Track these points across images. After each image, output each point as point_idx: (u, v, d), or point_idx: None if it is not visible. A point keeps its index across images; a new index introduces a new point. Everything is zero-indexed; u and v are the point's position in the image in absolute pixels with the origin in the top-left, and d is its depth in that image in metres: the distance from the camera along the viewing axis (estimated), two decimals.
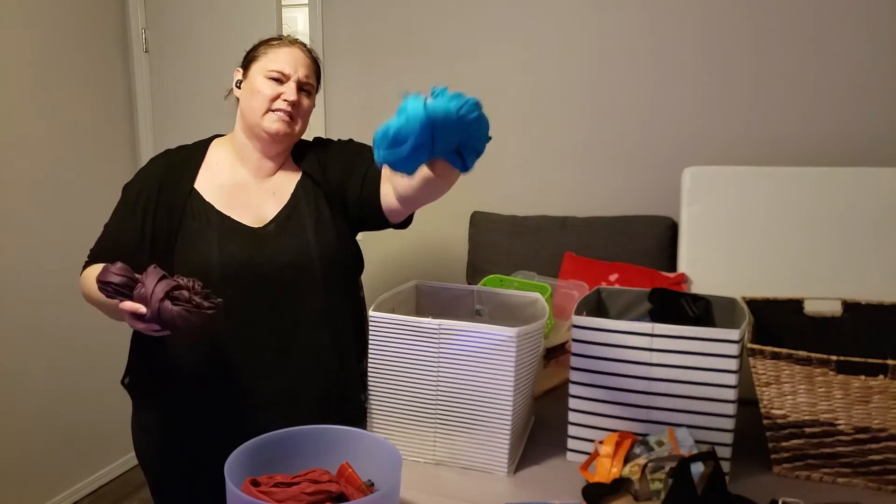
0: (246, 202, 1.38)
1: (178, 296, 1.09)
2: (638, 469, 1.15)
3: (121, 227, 1.35)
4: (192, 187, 1.36)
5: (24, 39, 2.50)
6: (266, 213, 1.38)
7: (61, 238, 2.67)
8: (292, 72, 1.36)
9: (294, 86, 1.36)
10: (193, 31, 2.86)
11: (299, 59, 1.38)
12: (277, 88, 1.35)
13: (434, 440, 1.33)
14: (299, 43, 1.41)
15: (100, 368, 2.84)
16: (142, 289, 1.09)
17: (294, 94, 1.35)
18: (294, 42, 1.41)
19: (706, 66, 2.32)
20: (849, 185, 1.76)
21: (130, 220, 1.34)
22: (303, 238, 1.36)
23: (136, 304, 1.09)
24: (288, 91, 1.35)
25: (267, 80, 1.35)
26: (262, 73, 1.35)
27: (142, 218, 1.33)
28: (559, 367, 1.70)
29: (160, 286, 1.08)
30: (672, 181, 2.05)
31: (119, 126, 2.95)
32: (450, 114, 0.93)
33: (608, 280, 2.06)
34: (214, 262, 1.30)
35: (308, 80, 1.39)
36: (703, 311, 1.48)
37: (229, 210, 1.36)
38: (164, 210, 1.33)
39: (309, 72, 1.39)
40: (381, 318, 1.33)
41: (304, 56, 1.40)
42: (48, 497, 2.68)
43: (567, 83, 2.49)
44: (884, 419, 1.19)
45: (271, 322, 1.34)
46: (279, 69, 1.35)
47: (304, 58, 1.39)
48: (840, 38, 2.18)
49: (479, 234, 2.51)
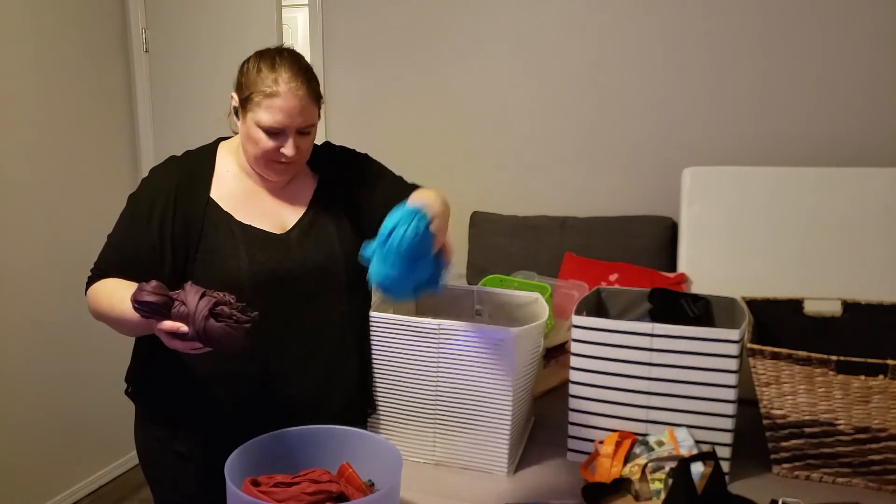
0: (263, 209, 1.35)
1: (220, 311, 1.06)
2: (638, 469, 1.15)
3: (134, 239, 1.30)
4: (208, 197, 1.33)
5: (25, 39, 2.50)
6: (286, 220, 1.36)
7: (61, 238, 2.67)
8: (290, 125, 1.25)
9: (292, 139, 1.27)
10: (193, 31, 2.86)
11: (295, 106, 1.24)
12: (275, 141, 1.26)
13: (434, 440, 1.33)
14: (294, 81, 1.24)
15: (100, 368, 2.84)
16: (181, 307, 1.05)
17: (292, 150, 1.27)
18: (290, 81, 1.24)
19: (706, 67, 2.32)
20: (849, 185, 1.76)
21: (145, 233, 1.28)
22: (328, 243, 1.35)
23: (176, 323, 1.06)
24: (286, 146, 1.26)
25: (262, 132, 1.25)
26: (257, 122, 1.25)
27: (159, 229, 1.28)
28: (559, 367, 1.70)
29: (203, 303, 1.05)
30: (672, 181, 2.05)
31: (119, 126, 2.95)
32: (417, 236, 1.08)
33: (608, 280, 2.06)
34: (245, 272, 1.27)
35: (307, 123, 1.28)
36: (703, 311, 1.48)
37: (249, 219, 1.32)
38: (181, 221, 1.29)
39: (307, 113, 1.27)
40: (381, 318, 1.33)
41: (301, 97, 1.25)
42: (48, 497, 2.68)
43: (567, 83, 2.49)
44: (884, 419, 1.19)
45: (298, 328, 1.32)
46: (275, 126, 1.24)
47: (300, 102, 1.24)
48: (840, 38, 2.18)
49: (479, 234, 2.51)
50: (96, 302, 1.28)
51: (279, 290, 1.30)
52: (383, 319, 1.32)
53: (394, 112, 2.73)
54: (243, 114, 1.29)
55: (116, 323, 1.24)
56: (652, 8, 2.35)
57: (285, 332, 1.31)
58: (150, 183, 1.35)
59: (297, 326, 1.32)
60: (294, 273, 1.31)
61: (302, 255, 1.33)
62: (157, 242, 1.28)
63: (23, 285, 2.53)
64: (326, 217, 1.38)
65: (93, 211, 2.81)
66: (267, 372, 1.31)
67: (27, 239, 2.55)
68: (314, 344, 1.33)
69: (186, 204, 1.31)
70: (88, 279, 1.33)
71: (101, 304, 1.27)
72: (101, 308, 1.27)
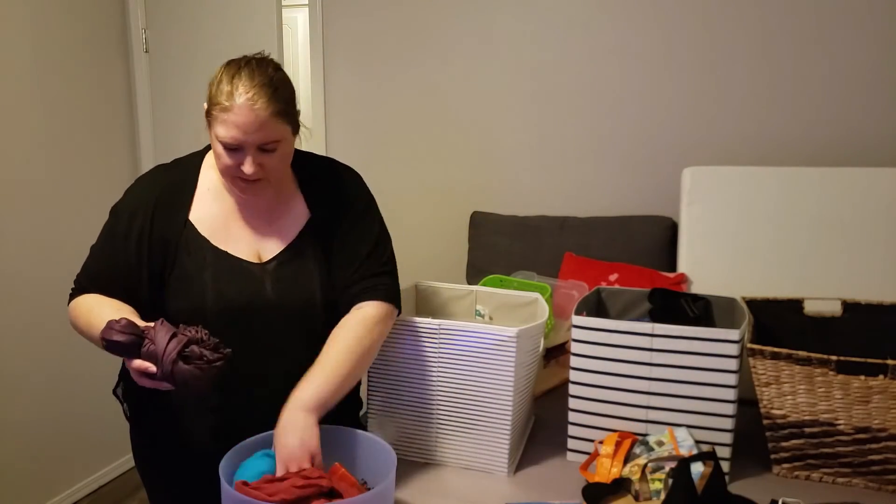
0: (241, 234, 1.29)
1: (190, 353, 1.02)
2: (638, 469, 1.15)
3: (113, 253, 1.26)
4: (186, 218, 1.27)
5: (25, 39, 2.50)
6: (266, 249, 1.29)
7: (61, 238, 2.67)
8: (246, 140, 1.17)
9: (251, 157, 1.18)
10: (193, 31, 2.86)
11: (251, 122, 1.15)
12: (234, 158, 1.19)
13: (434, 440, 1.33)
14: (251, 94, 1.16)
15: (99, 369, 2.84)
16: (151, 346, 1.02)
17: (251, 167, 1.18)
18: (246, 94, 1.16)
19: (706, 67, 2.32)
20: (849, 185, 1.76)
21: (123, 248, 1.25)
22: (306, 286, 1.28)
23: (145, 363, 1.03)
24: (246, 164, 1.18)
25: (221, 146, 1.19)
26: (217, 138, 1.19)
27: (136, 249, 1.24)
28: (559, 367, 1.70)
29: (172, 345, 1.02)
30: (672, 181, 2.05)
31: (119, 126, 2.95)
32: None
33: (608, 280, 2.06)
34: (210, 306, 1.23)
35: (268, 140, 1.18)
36: (703, 311, 1.48)
37: (226, 243, 1.27)
38: (158, 243, 1.25)
39: (268, 129, 1.17)
40: None
41: (258, 112, 1.16)
42: (48, 497, 2.68)
43: (567, 83, 2.49)
44: (884, 419, 1.19)
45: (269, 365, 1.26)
46: (231, 142, 1.17)
47: (256, 117, 1.15)
48: (840, 38, 2.18)
49: (479, 234, 2.51)
50: (75, 318, 1.28)
51: (247, 327, 1.24)
52: None
53: (394, 112, 2.73)
54: (209, 127, 1.23)
55: (95, 342, 1.21)
56: (652, 8, 2.35)
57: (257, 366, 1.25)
58: (131, 197, 1.30)
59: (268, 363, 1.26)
60: (264, 314, 1.25)
61: (276, 293, 1.25)
62: (135, 262, 1.24)
63: (22, 285, 2.53)
64: (310, 254, 1.30)
65: (93, 211, 2.80)
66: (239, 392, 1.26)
67: (27, 239, 2.55)
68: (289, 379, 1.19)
69: (164, 224, 1.26)
70: (71, 292, 1.32)
71: (79, 321, 1.27)
72: (79, 325, 1.27)
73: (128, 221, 1.26)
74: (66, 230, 2.69)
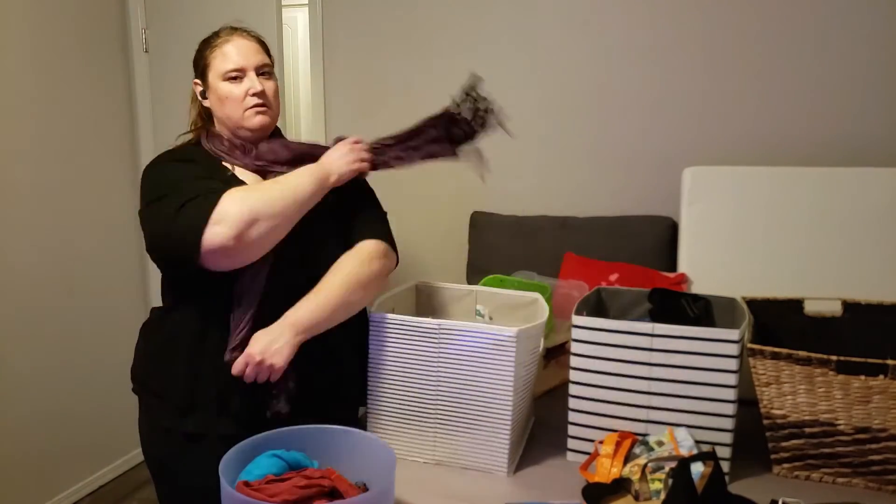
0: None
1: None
2: (638, 469, 1.15)
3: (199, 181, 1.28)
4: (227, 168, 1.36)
5: (25, 40, 2.50)
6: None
7: (61, 238, 2.67)
8: (246, 63, 1.35)
9: (254, 76, 1.35)
10: (193, 31, 2.84)
11: (247, 47, 1.36)
12: (242, 86, 1.34)
13: (434, 440, 1.33)
14: (238, 31, 1.40)
15: (100, 368, 2.84)
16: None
17: (258, 85, 1.34)
18: (233, 32, 1.39)
19: (706, 67, 2.32)
20: (849, 185, 1.76)
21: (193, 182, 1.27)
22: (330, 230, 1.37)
23: None
24: (252, 84, 1.34)
25: (228, 82, 1.34)
26: (220, 76, 1.35)
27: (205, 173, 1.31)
28: (559, 367, 1.70)
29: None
30: (672, 181, 2.05)
31: (119, 126, 2.95)
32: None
33: (608, 280, 2.06)
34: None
35: (264, 63, 1.37)
36: (703, 311, 1.48)
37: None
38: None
39: (261, 55, 1.38)
40: (380, 318, 1.33)
41: (249, 41, 1.38)
42: (48, 497, 2.68)
43: (567, 83, 2.49)
44: (884, 419, 1.19)
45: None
46: (234, 67, 1.34)
47: (250, 44, 1.38)
48: (840, 38, 2.18)
49: (479, 234, 2.51)
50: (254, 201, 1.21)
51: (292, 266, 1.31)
52: (383, 319, 1.32)
53: (393, 112, 2.73)
54: (207, 84, 1.37)
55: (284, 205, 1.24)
56: (652, 8, 2.35)
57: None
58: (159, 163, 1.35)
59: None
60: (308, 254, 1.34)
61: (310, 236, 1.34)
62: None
63: (23, 284, 2.53)
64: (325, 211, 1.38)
65: (93, 210, 2.81)
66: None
67: (27, 238, 2.55)
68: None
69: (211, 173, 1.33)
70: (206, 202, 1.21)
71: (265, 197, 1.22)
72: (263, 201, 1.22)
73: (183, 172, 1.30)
74: (66, 230, 2.69)
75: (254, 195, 1.22)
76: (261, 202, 1.21)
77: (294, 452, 1.10)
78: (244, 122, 1.36)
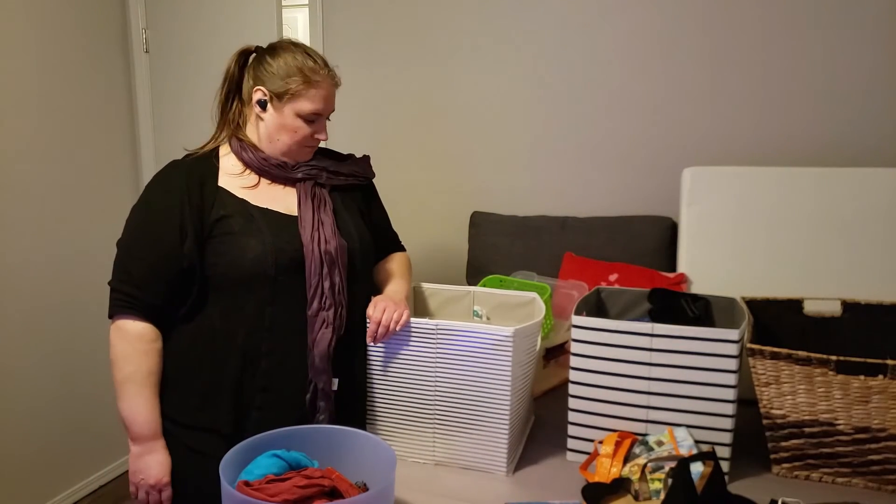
0: (272, 195, 1.38)
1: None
2: (638, 469, 1.15)
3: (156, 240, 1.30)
4: (217, 187, 1.34)
5: (25, 39, 2.50)
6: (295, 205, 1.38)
7: (61, 238, 2.67)
8: (326, 111, 1.37)
9: (324, 121, 1.39)
10: (193, 31, 2.86)
11: (333, 96, 1.39)
12: (313, 127, 1.37)
13: (433, 440, 1.33)
14: (331, 73, 1.39)
15: (100, 368, 2.84)
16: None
17: (326, 133, 1.39)
18: (328, 74, 1.37)
19: (706, 67, 2.32)
20: (849, 185, 1.76)
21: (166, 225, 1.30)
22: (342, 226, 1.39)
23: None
24: (321, 129, 1.38)
25: (302, 119, 1.35)
26: (298, 112, 1.34)
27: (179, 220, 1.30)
28: (559, 367, 1.70)
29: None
30: (672, 181, 2.05)
31: (119, 126, 2.95)
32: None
33: (608, 280, 2.06)
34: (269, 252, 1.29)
35: (333, 107, 1.41)
36: (703, 311, 1.48)
37: (263, 203, 1.35)
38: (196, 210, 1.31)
39: (334, 99, 1.41)
40: None
41: (335, 85, 1.40)
42: (48, 497, 2.68)
43: (567, 83, 2.49)
44: (883, 419, 1.19)
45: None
46: (317, 112, 1.35)
47: (334, 89, 1.39)
48: (840, 38, 2.18)
49: (479, 234, 2.51)
50: (115, 358, 1.38)
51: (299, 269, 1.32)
52: None
53: (394, 112, 2.73)
54: (279, 106, 1.34)
55: (121, 391, 1.39)
56: (652, 8, 2.35)
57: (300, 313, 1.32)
58: (156, 185, 1.36)
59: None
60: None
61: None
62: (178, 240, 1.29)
63: (23, 285, 2.53)
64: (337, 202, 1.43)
65: (93, 211, 2.81)
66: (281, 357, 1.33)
67: (27, 239, 2.55)
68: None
69: (200, 193, 1.32)
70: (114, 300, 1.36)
71: (122, 368, 1.37)
72: (116, 368, 1.38)
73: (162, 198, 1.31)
74: (66, 230, 2.69)
75: (122, 364, 1.38)
76: (115, 362, 1.39)
77: (294, 452, 1.10)
78: (296, 154, 1.39)
